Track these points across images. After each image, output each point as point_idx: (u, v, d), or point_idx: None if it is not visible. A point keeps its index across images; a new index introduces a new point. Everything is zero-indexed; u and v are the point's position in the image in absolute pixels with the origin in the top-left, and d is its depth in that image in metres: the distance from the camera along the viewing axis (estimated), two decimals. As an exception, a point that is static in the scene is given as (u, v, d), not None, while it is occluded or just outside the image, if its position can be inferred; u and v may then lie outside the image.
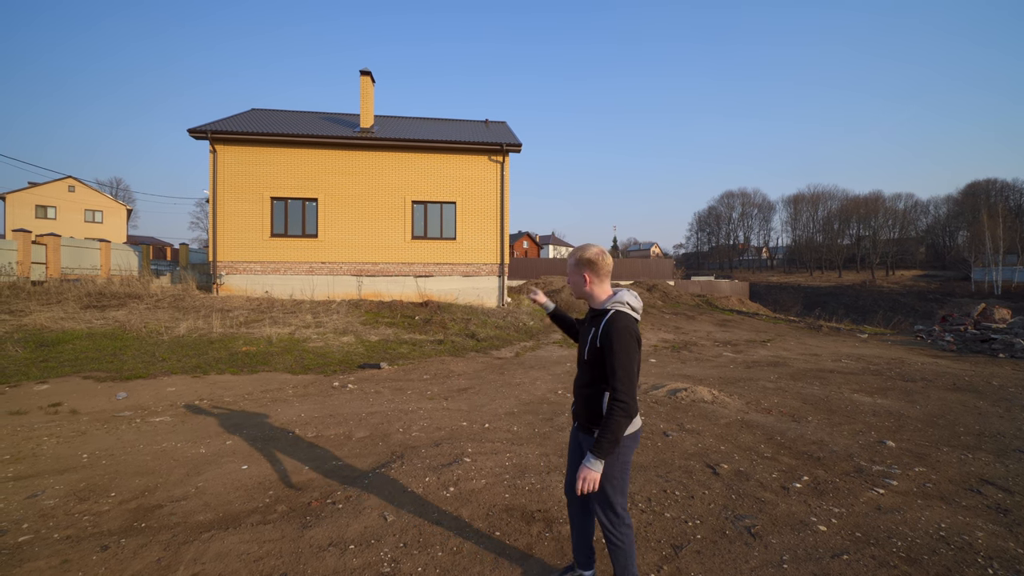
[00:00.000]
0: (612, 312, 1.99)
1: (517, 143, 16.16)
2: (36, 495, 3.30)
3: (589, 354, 2.02)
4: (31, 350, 7.60)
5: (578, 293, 2.14)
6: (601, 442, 1.86)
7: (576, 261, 2.10)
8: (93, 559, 2.57)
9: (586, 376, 2.06)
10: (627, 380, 1.87)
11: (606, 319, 1.97)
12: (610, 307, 2.02)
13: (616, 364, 1.87)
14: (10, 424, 4.75)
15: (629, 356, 1.89)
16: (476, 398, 6.07)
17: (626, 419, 1.86)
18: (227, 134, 14.68)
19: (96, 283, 14.51)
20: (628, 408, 1.86)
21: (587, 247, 2.12)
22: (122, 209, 46.67)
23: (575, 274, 2.12)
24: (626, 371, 1.87)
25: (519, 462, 3.92)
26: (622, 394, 1.86)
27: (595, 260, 2.08)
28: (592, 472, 1.88)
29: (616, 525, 2.05)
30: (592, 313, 2.12)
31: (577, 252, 2.12)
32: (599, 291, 2.10)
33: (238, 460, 3.98)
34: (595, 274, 2.08)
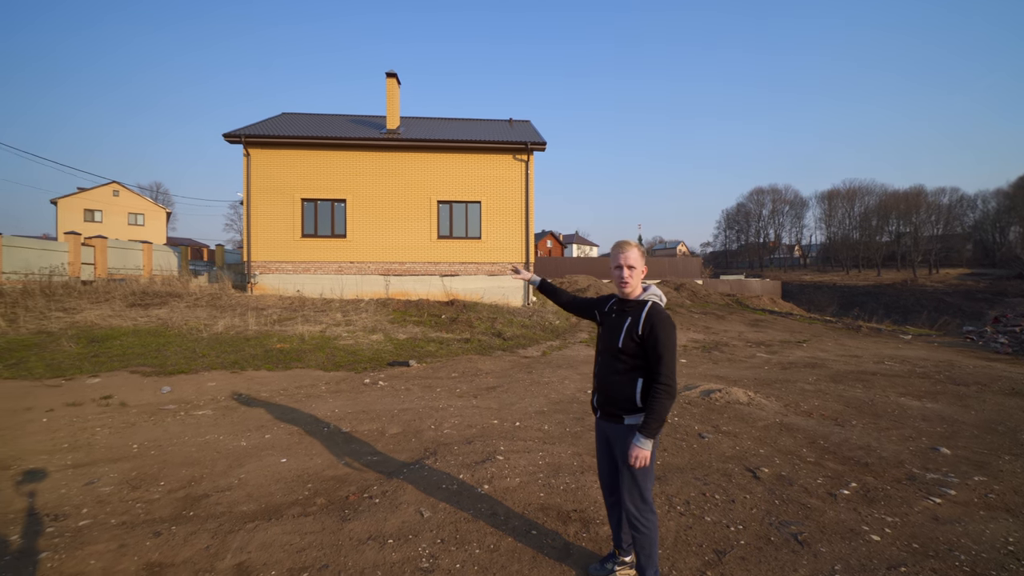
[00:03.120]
0: (651, 303, 2.14)
1: (541, 141, 16.11)
2: (93, 482, 3.47)
3: (625, 342, 2.11)
4: (83, 345, 8.00)
5: (630, 286, 2.21)
6: (650, 423, 2.01)
7: (642, 252, 2.23)
8: (147, 544, 2.68)
9: (618, 364, 2.16)
10: (671, 365, 2.02)
11: (648, 309, 2.10)
12: (647, 299, 2.17)
13: (662, 350, 2.02)
14: (67, 415, 5.01)
15: (672, 343, 2.05)
16: (505, 396, 6.07)
17: (671, 401, 2.01)
18: (259, 138, 15.12)
19: (140, 282, 15.19)
20: (672, 391, 2.02)
21: (636, 243, 2.24)
22: (162, 212, 48.73)
23: (641, 264, 2.20)
24: (671, 356, 2.03)
25: (552, 461, 3.90)
26: (667, 378, 2.01)
27: (644, 254, 2.26)
28: (643, 450, 2.03)
29: (642, 511, 2.16)
30: (624, 305, 2.22)
31: (636, 245, 2.23)
32: (640, 284, 2.23)
33: (277, 453, 4.08)
34: (644, 266, 2.23)
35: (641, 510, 2.14)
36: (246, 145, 15.24)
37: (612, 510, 2.41)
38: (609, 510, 2.43)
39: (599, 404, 2.27)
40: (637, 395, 2.10)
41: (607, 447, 2.31)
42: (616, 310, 2.25)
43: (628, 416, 2.14)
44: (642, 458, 2.03)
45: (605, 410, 2.24)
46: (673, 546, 2.70)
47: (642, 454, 2.03)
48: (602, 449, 2.36)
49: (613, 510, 2.40)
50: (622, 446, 2.15)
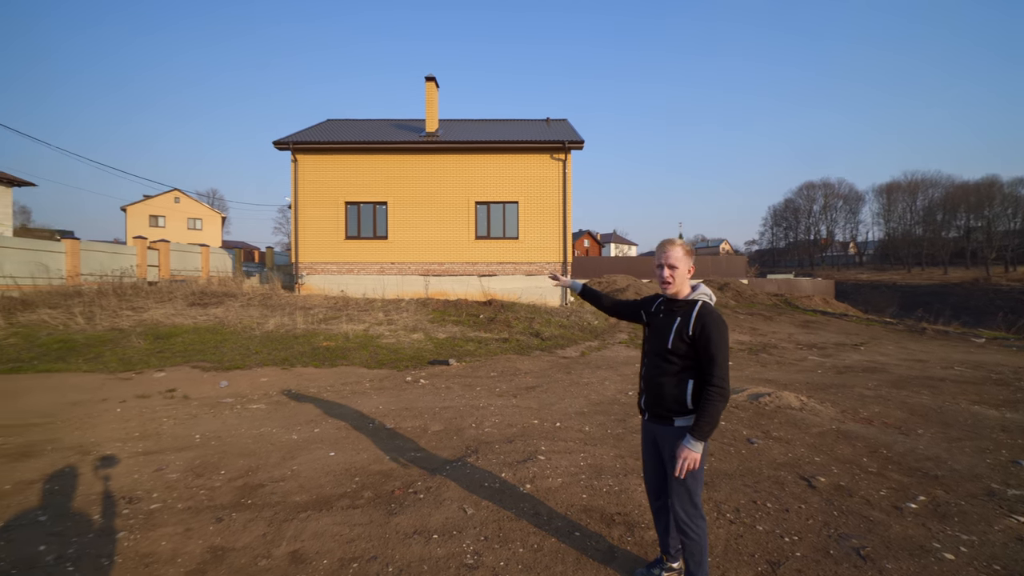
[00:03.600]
0: (701, 303, 2.07)
1: (579, 140, 15.96)
2: (161, 469, 3.72)
3: (674, 343, 2.06)
4: (150, 342, 8.60)
5: (675, 285, 2.14)
6: (701, 425, 1.96)
7: (687, 251, 2.15)
8: (210, 529, 2.84)
9: (668, 365, 2.10)
10: (724, 366, 1.97)
11: (698, 309, 2.04)
12: (697, 298, 2.09)
13: (715, 351, 1.96)
14: (138, 406, 5.40)
15: (723, 344, 1.98)
16: (545, 396, 6.05)
17: (724, 403, 1.95)
18: (306, 144, 15.77)
19: (198, 283, 16.18)
20: (725, 393, 1.96)
21: (681, 240, 2.18)
22: (217, 217, 51.68)
23: (685, 263, 2.13)
24: (724, 357, 1.97)
25: (594, 463, 3.85)
26: (720, 379, 1.95)
27: (692, 253, 2.17)
28: (693, 452, 1.98)
29: (692, 517, 2.10)
30: (672, 305, 2.16)
31: (681, 244, 2.16)
32: (687, 284, 2.17)
33: (326, 447, 4.24)
34: (691, 266, 2.16)
35: (691, 515, 2.08)
36: (294, 152, 15.94)
37: (659, 515, 2.35)
38: (655, 514, 2.38)
39: (647, 406, 2.22)
40: (688, 397, 2.05)
41: (654, 449, 2.26)
42: (664, 310, 2.19)
43: (678, 418, 2.09)
44: (691, 460, 1.99)
45: (654, 412, 2.18)
46: (723, 555, 2.60)
47: (692, 456, 1.99)
48: (649, 451, 2.31)
49: (660, 514, 2.34)
50: (671, 448, 2.10)
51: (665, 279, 2.14)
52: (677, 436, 2.08)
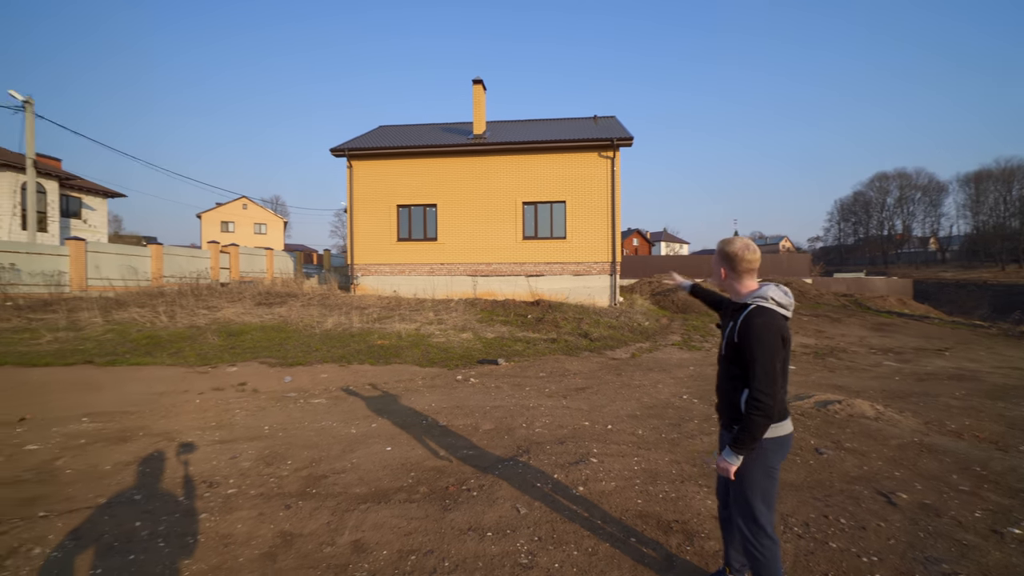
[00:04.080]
0: (753, 306, 1.93)
1: (628, 136, 15.62)
2: (235, 457, 4.00)
3: (726, 349, 2.00)
4: (223, 338, 9.28)
5: (720, 286, 2.15)
6: (738, 438, 1.87)
7: (718, 253, 2.10)
8: (280, 515, 3.03)
9: (725, 370, 2.04)
10: (765, 378, 1.82)
11: (745, 313, 1.93)
12: (751, 301, 1.95)
13: (754, 361, 1.84)
14: (214, 398, 5.84)
15: (768, 353, 1.83)
16: (595, 398, 5.97)
17: (763, 418, 1.82)
18: (360, 150, 16.45)
19: (264, 284, 17.27)
20: (765, 407, 1.81)
21: (732, 240, 2.09)
22: (280, 222, 54.93)
23: (716, 265, 2.12)
24: (764, 368, 1.82)
25: (649, 467, 3.75)
26: (759, 392, 1.82)
27: (734, 254, 2.03)
28: (724, 463, 1.92)
29: (756, 536, 1.96)
30: (732, 307, 2.07)
31: (720, 244, 2.09)
32: (740, 286, 2.05)
33: (382, 442, 4.39)
34: (732, 269, 2.05)
35: (754, 533, 1.96)
36: (349, 158, 16.67)
37: (724, 525, 2.26)
38: (722, 524, 2.29)
39: (718, 411, 2.16)
40: (742, 404, 1.95)
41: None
42: (728, 312, 2.12)
43: (736, 426, 2.00)
44: (723, 471, 1.93)
45: (720, 418, 2.12)
46: (792, 572, 2.45)
47: (723, 466, 1.93)
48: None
49: (725, 525, 2.25)
50: None
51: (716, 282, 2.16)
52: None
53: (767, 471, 1.94)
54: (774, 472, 1.96)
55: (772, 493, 1.97)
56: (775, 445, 1.93)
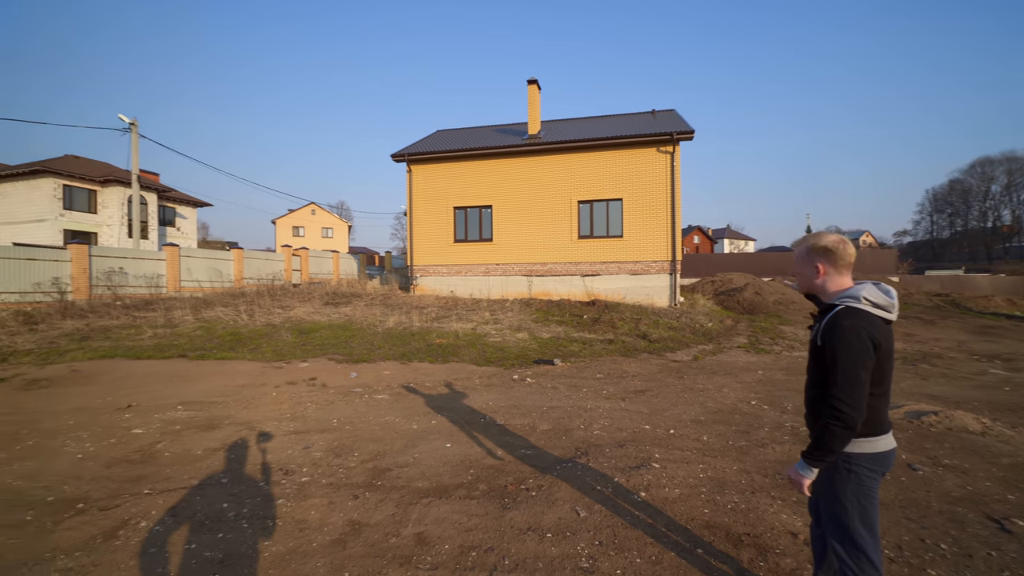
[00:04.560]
0: (840, 307, 1.75)
1: (688, 130, 15.00)
2: (308, 447, 4.26)
3: (811, 355, 1.86)
4: (295, 336, 9.93)
5: (806, 287, 1.94)
6: (811, 448, 1.72)
7: (808, 249, 1.89)
8: (349, 504, 3.18)
9: (811, 377, 1.88)
10: (847, 386, 1.64)
11: (832, 314, 1.76)
12: (839, 302, 1.77)
13: (835, 364, 1.67)
14: (289, 392, 6.26)
15: (853, 357, 1.65)
16: (655, 401, 5.77)
17: (841, 429, 1.64)
18: (419, 155, 16.99)
19: (331, 285, 18.30)
20: (845, 418, 1.63)
21: (822, 234, 1.91)
22: (345, 225, 57.98)
23: (806, 264, 1.90)
24: (846, 374, 1.65)
25: (716, 476, 3.57)
26: (838, 401, 1.65)
27: (833, 248, 1.85)
28: (796, 475, 1.77)
29: (854, 559, 1.76)
30: (820, 308, 1.89)
31: (810, 239, 1.92)
32: (833, 284, 1.86)
33: (442, 438, 4.50)
34: (832, 264, 1.85)
35: (855, 559, 1.75)
36: (408, 163, 17.27)
37: (816, 542, 2.08)
38: (813, 542, 2.11)
39: (806, 421, 1.99)
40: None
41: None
42: (817, 314, 1.94)
43: None
44: (794, 484, 1.78)
45: (809, 429, 1.95)
46: (883, 597, 2.23)
47: (794, 479, 1.78)
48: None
49: (817, 543, 2.07)
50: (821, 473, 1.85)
51: (796, 281, 1.97)
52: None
53: (864, 491, 1.74)
54: (872, 492, 1.75)
55: (873, 516, 1.77)
56: (871, 462, 1.74)
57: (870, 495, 1.75)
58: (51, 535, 2.84)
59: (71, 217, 25.71)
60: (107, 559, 2.59)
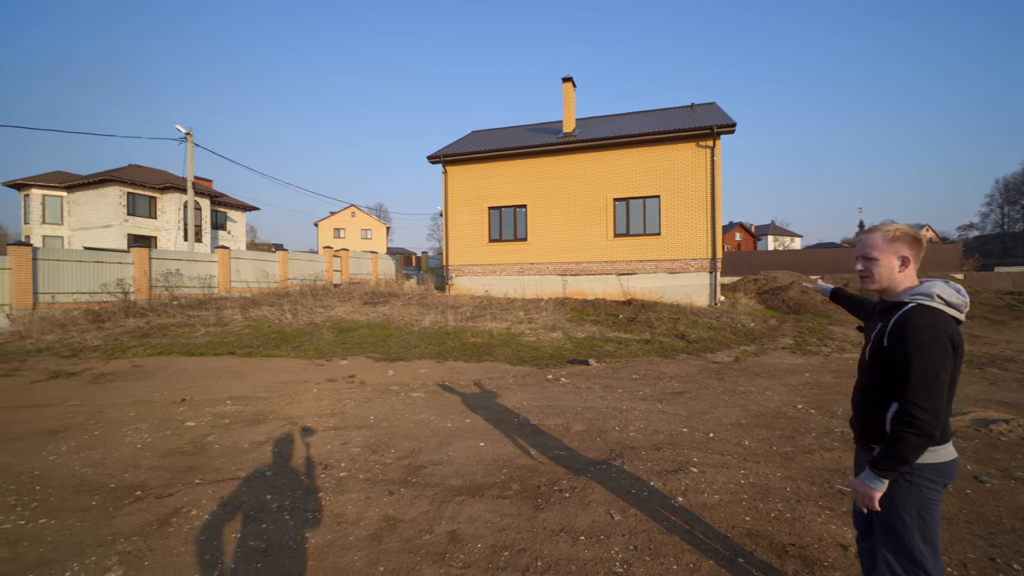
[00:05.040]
0: (912, 305, 1.60)
1: (730, 123, 14.46)
2: (346, 443, 4.38)
3: (871, 354, 1.70)
4: (335, 334, 10.26)
5: (884, 280, 1.72)
6: (881, 459, 1.56)
7: (892, 237, 1.69)
8: (384, 500, 3.25)
9: (867, 380, 1.74)
10: (924, 391, 1.50)
11: (902, 312, 1.61)
12: (909, 299, 1.63)
13: (910, 367, 1.52)
14: (329, 388, 6.47)
15: (932, 359, 1.51)
16: (694, 403, 5.60)
17: (917, 438, 1.50)
18: (454, 156, 17.18)
19: (369, 285, 18.80)
20: (922, 425, 1.49)
21: (895, 224, 1.72)
22: (383, 227, 59.46)
23: (887, 253, 1.70)
24: (924, 377, 1.51)
25: (758, 482, 3.41)
26: (914, 407, 1.51)
27: (919, 239, 1.68)
28: (865, 488, 1.60)
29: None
30: (883, 306, 1.75)
31: (888, 226, 1.72)
32: (907, 280, 1.70)
33: (476, 437, 4.53)
34: (915, 257, 1.69)
35: (910, 574, 1.63)
36: (444, 164, 17.51)
37: (863, 556, 1.95)
38: (860, 555, 1.98)
39: (852, 426, 1.87)
40: (888, 422, 1.65)
41: None
42: (876, 312, 1.80)
43: (878, 447, 1.69)
44: (863, 497, 1.60)
45: (857, 436, 1.83)
46: (946, 619, 2.07)
47: (861, 491, 1.61)
48: None
49: (864, 556, 1.94)
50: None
51: (861, 274, 1.76)
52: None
53: (925, 504, 1.61)
54: (934, 505, 1.62)
55: (934, 530, 1.62)
56: (934, 472, 1.60)
57: (931, 508, 1.62)
58: (112, 520, 3.05)
59: (134, 222, 27.61)
60: (161, 544, 2.75)
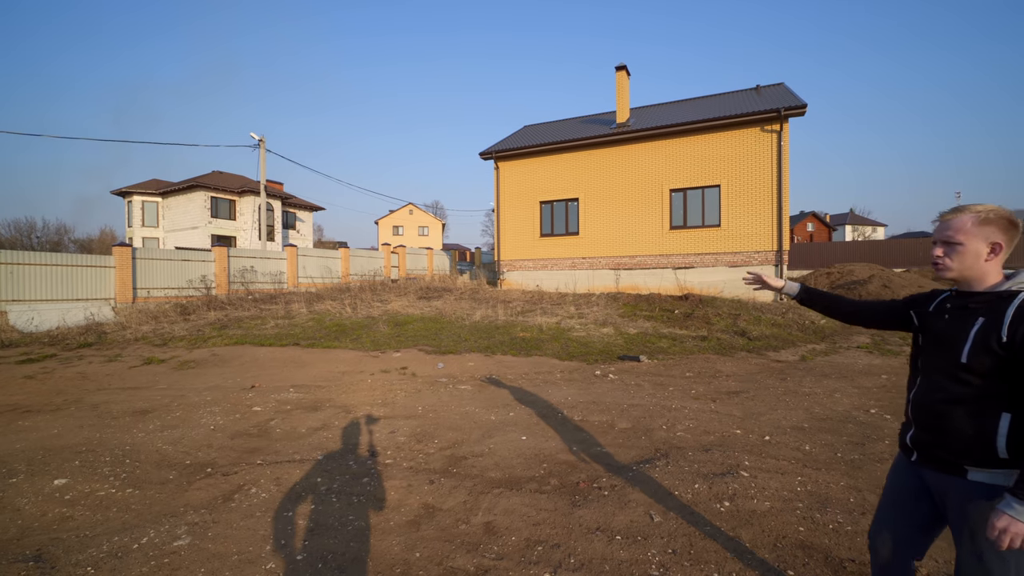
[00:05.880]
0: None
1: (799, 105, 13.42)
2: (394, 432, 4.55)
3: (974, 355, 1.41)
4: (391, 328, 10.68)
5: (966, 268, 1.49)
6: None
7: (982, 220, 1.46)
8: (425, 488, 3.34)
9: (960, 388, 1.45)
10: None
11: (1017, 305, 1.37)
12: (1017, 288, 1.42)
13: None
14: (382, 379, 6.75)
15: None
16: (751, 404, 5.28)
17: None
18: (506, 151, 17.25)
19: (424, 280, 19.39)
20: None
21: (986, 205, 1.48)
22: (439, 224, 61.03)
23: (974, 238, 1.46)
24: None
25: (816, 491, 3.16)
26: None
27: (1017, 224, 1.45)
28: (1020, 525, 1.28)
29: None
30: (968, 300, 1.50)
31: (978, 209, 1.48)
32: (991, 270, 1.48)
33: (518, 431, 4.54)
34: (1010, 244, 1.46)
35: None
36: (496, 160, 17.64)
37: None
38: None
39: (918, 442, 1.59)
40: (999, 438, 1.38)
41: (916, 504, 1.63)
42: (954, 308, 1.54)
43: (976, 470, 1.43)
44: (1016, 535, 1.29)
45: (930, 453, 1.55)
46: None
47: (1016, 529, 1.29)
48: (903, 504, 1.66)
49: None
50: (963, 512, 1.46)
51: (934, 260, 1.54)
52: (975, 496, 1.43)
53: None
54: None
55: None
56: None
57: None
58: (185, 493, 3.37)
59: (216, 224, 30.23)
60: (224, 518, 3.00)
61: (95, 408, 5.59)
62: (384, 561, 2.55)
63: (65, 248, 47.13)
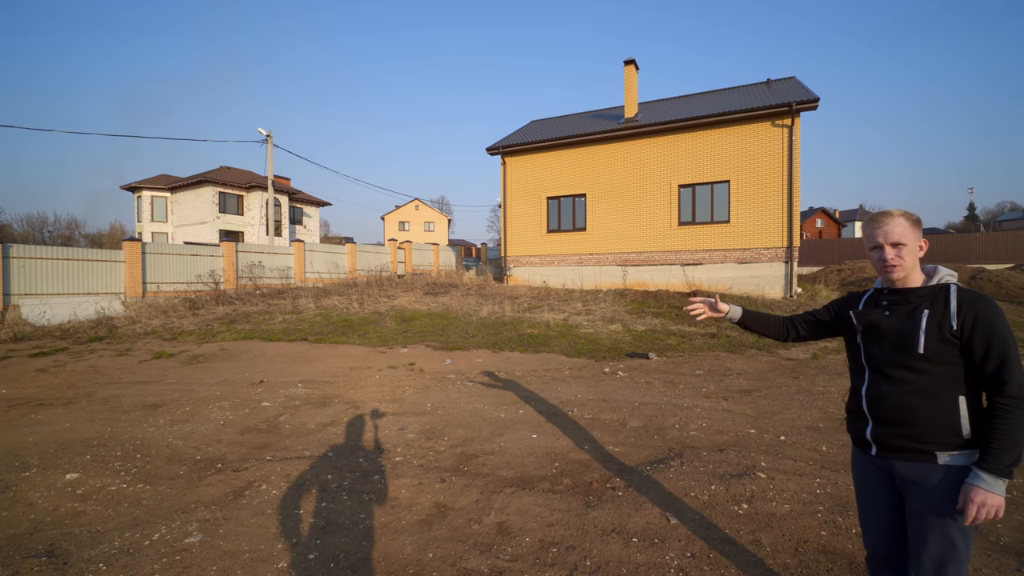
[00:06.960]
0: (956, 286, 1.54)
1: (811, 99, 13.20)
2: (403, 429, 4.52)
3: (930, 345, 1.49)
4: (398, 323, 10.66)
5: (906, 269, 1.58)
6: (1000, 455, 1.38)
7: (914, 221, 1.59)
8: (436, 487, 3.30)
9: (920, 378, 1.52)
10: (1020, 366, 1.42)
11: (956, 295, 1.51)
12: (946, 281, 1.57)
13: (1003, 348, 1.42)
14: (390, 375, 6.72)
15: (1011, 335, 1.45)
16: (764, 403, 5.20)
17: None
18: (513, 147, 17.13)
19: (431, 276, 19.36)
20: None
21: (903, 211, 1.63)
22: (445, 219, 60.98)
23: (913, 239, 1.57)
24: (1017, 355, 1.42)
25: (837, 493, 3.09)
26: (1020, 387, 1.40)
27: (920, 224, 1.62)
28: (983, 496, 1.39)
29: None
30: (906, 296, 1.59)
31: (906, 213, 1.60)
32: (917, 266, 1.63)
33: (529, 428, 4.49)
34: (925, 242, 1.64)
35: None
36: (503, 155, 17.52)
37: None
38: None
39: (879, 436, 1.60)
40: (963, 420, 1.46)
41: (886, 496, 1.64)
42: (891, 304, 1.61)
43: (945, 453, 1.49)
44: (991, 508, 1.38)
45: (895, 444, 1.57)
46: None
47: (993, 502, 1.38)
48: (876, 499, 1.68)
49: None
50: (934, 496, 1.49)
51: (888, 262, 1.57)
52: (945, 479, 1.49)
53: None
54: None
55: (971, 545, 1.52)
56: None
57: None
58: (196, 488, 3.35)
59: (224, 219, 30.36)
60: (234, 515, 2.98)
61: (106, 402, 5.60)
62: (396, 561, 2.51)
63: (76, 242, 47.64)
